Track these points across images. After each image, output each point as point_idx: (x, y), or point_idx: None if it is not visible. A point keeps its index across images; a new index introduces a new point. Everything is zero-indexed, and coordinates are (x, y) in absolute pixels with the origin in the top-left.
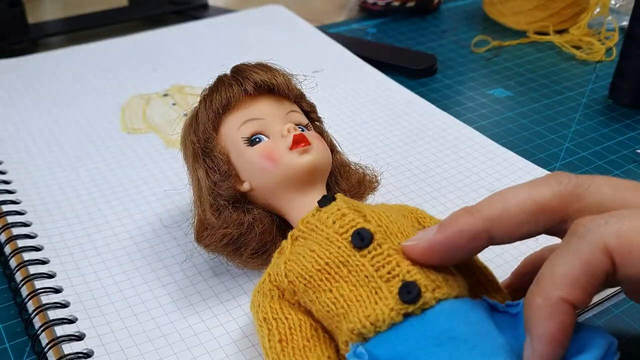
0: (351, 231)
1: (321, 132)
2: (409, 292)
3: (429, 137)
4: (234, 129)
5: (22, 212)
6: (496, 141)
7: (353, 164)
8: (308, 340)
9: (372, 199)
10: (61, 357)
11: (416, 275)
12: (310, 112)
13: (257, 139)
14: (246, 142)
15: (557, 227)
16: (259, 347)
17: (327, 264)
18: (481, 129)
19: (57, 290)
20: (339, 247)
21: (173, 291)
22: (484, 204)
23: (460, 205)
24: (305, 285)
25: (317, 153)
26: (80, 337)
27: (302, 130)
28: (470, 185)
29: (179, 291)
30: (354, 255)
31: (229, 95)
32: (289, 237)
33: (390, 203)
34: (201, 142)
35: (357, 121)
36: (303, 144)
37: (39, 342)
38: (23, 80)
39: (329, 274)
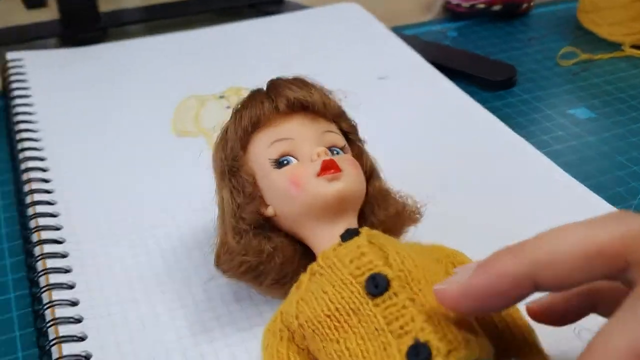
0: (367, 274)
1: (360, 156)
2: (417, 355)
3: (492, 158)
4: (262, 149)
5: (55, 214)
6: (569, 169)
7: (393, 192)
8: None
9: (413, 233)
10: None
11: (429, 335)
12: (349, 132)
13: (286, 161)
14: (273, 163)
15: (616, 275)
16: None
17: (337, 309)
18: (554, 154)
19: (74, 303)
20: (352, 292)
21: (191, 313)
22: (530, 244)
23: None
24: (313, 331)
25: (347, 181)
26: (87, 358)
27: (337, 153)
28: (526, 217)
29: (197, 314)
30: (367, 303)
31: (259, 112)
32: (307, 271)
33: (428, 242)
34: (229, 160)
35: (415, 134)
36: (332, 171)
37: (50, 355)
38: (80, 72)
39: (339, 321)
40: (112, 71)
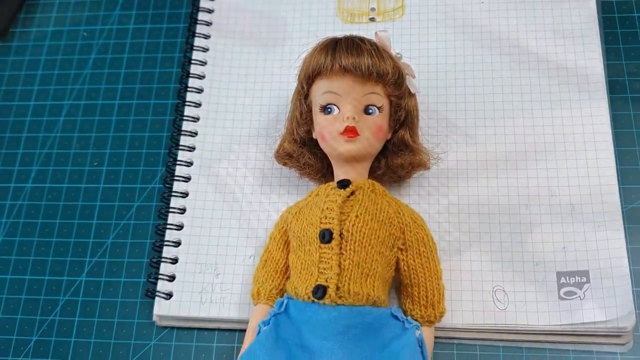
0: (322, 227)
1: (396, 112)
2: (316, 292)
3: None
4: (317, 93)
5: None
6: None
7: (415, 144)
8: (275, 272)
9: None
10: None
11: (331, 281)
12: (390, 95)
13: (329, 109)
14: (321, 108)
15: None
16: None
17: (304, 235)
18: None
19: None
20: (314, 231)
21: None
22: None
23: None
24: (290, 236)
25: (360, 144)
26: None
27: (372, 112)
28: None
29: None
30: (316, 243)
31: (320, 65)
32: (314, 190)
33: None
34: (300, 85)
35: None
36: (351, 135)
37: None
38: None
39: (302, 242)
40: None
